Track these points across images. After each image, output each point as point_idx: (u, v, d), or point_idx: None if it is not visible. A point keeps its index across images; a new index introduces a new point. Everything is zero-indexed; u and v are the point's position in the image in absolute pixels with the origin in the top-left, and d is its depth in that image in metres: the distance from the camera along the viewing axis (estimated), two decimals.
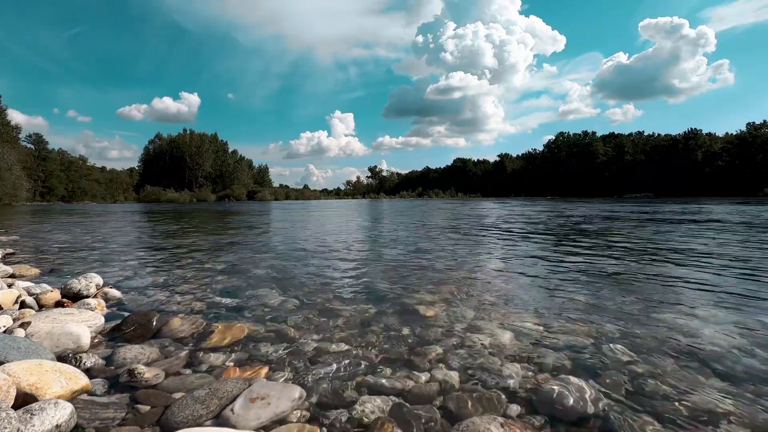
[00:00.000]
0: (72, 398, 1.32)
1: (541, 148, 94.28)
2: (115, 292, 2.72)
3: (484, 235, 7.02)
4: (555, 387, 1.41)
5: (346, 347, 1.83)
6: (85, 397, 1.36)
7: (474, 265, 4.03)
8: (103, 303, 2.44)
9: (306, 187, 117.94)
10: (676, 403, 1.33)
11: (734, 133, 65.71)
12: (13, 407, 1.14)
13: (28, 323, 1.82)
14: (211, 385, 1.42)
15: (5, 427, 1.01)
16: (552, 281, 3.19)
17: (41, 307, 2.38)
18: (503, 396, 1.39)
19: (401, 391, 1.43)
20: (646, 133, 79.29)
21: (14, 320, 1.96)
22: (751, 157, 59.45)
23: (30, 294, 2.50)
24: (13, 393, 1.19)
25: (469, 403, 1.34)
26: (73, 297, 2.52)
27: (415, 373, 1.57)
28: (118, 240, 6.67)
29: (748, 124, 63.72)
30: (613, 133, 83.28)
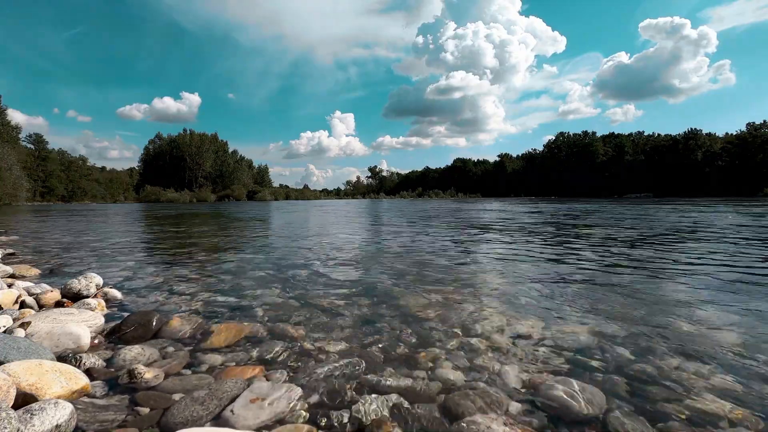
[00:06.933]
0: (72, 398, 1.32)
1: (541, 148, 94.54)
2: (115, 292, 2.72)
3: (484, 235, 7.02)
4: (556, 387, 1.41)
5: (346, 347, 1.83)
6: (84, 398, 1.35)
7: (474, 265, 4.03)
8: (103, 303, 2.44)
9: (306, 187, 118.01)
10: (678, 404, 1.33)
11: (734, 133, 65.78)
12: (13, 407, 1.14)
13: (28, 323, 1.82)
14: (211, 385, 1.42)
15: (5, 427, 1.01)
16: (552, 281, 3.19)
17: (41, 307, 2.38)
18: (504, 395, 1.39)
19: (401, 391, 1.43)
20: (646, 133, 79.41)
21: (14, 320, 1.96)
22: (751, 157, 59.51)
23: (30, 294, 2.49)
24: (13, 393, 1.19)
25: (470, 403, 1.34)
26: (73, 297, 2.52)
27: (416, 372, 1.57)
28: (118, 240, 6.67)
29: (748, 124, 63.83)
30: (613, 133, 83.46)
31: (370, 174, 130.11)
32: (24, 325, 1.80)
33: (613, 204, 22.72)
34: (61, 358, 1.62)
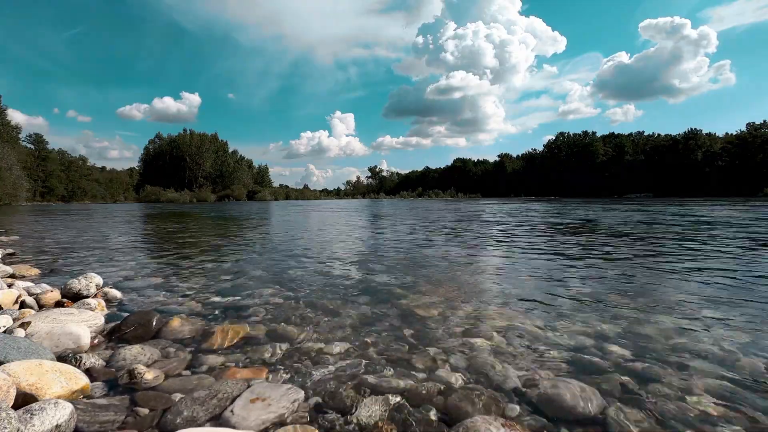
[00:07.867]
0: (72, 398, 1.32)
1: (541, 148, 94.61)
2: (115, 293, 2.72)
3: (483, 235, 7.02)
4: (555, 387, 1.41)
5: (346, 348, 1.83)
6: (84, 399, 1.35)
7: (474, 265, 4.03)
8: (103, 303, 2.44)
9: (306, 187, 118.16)
10: (677, 404, 1.33)
11: (734, 133, 65.82)
12: (13, 407, 1.14)
13: (28, 323, 1.82)
14: (211, 386, 1.42)
15: (5, 427, 1.01)
16: (552, 281, 3.19)
17: (41, 307, 2.38)
18: (503, 396, 1.39)
19: (401, 392, 1.43)
20: (646, 133, 79.44)
21: (14, 320, 1.96)
22: (751, 157, 59.54)
23: (30, 294, 2.49)
24: (13, 393, 1.19)
25: (469, 404, 1.34)
26: (73, 297, 2.52)
27: (415, 373, 1.57)
28: (118, 240, 6.67)
29: (748, 124, 63.89)
30: (613, 133, 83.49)
31: (370, 174, 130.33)
32: (24, 325, 1.80)
33: (614, 204, 22.71)
34: (61, 358, 1.62)
